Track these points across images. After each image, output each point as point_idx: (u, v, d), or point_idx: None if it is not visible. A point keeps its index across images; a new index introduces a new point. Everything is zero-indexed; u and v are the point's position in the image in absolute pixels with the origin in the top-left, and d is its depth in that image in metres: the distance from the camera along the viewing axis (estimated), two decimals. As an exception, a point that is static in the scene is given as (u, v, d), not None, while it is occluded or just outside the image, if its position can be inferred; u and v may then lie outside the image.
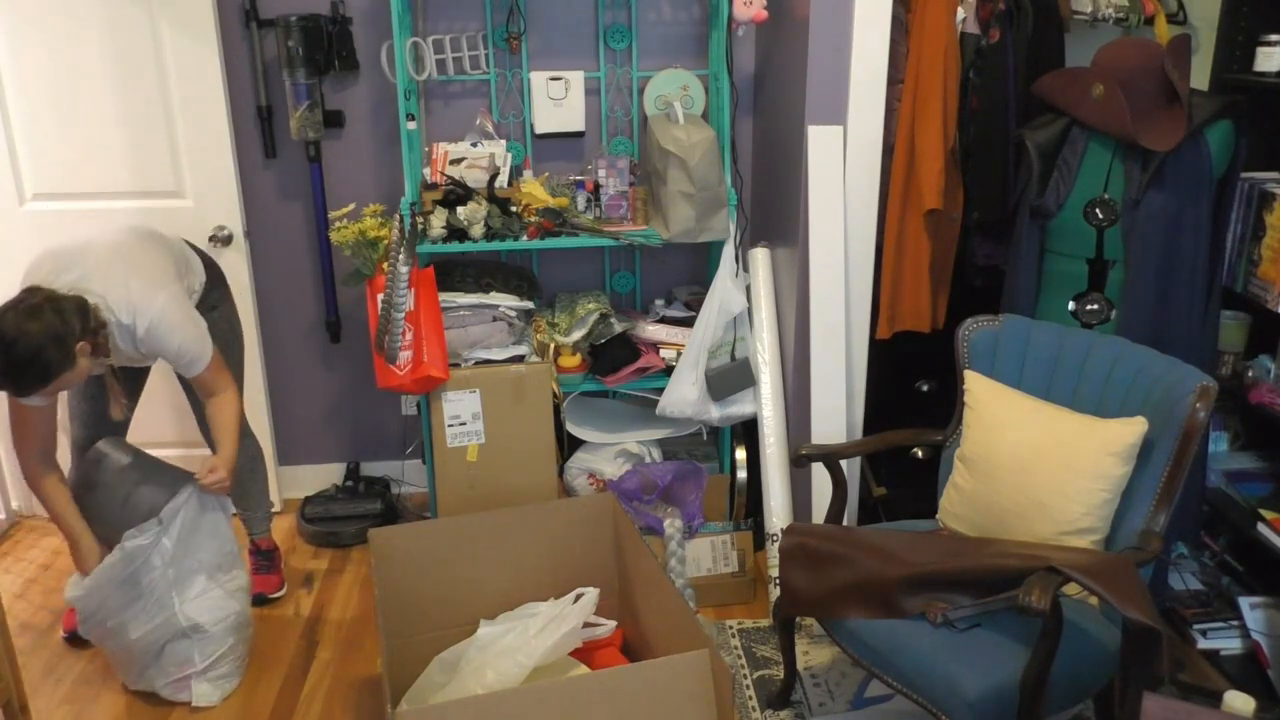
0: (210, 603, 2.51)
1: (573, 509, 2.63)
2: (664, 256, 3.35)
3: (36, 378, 2.18)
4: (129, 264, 2.37)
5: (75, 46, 2.96)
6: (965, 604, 2.02)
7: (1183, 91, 2.35)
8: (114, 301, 2.30)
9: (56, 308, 2.18)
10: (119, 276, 2.32)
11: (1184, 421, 2.02)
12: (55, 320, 2.16)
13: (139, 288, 2.33)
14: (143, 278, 2.36)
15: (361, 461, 3.54)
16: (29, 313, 2.15)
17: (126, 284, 2.32)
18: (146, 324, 2.32)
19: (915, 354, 2.97)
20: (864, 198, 2.73)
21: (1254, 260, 2.58)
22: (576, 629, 2.27)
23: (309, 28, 3.00)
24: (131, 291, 2.32)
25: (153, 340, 2.35)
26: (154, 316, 2.33)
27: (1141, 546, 2.01)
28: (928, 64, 2.67)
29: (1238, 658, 2.58)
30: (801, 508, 2.89)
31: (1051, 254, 2.59)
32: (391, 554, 2.46)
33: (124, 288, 2.32)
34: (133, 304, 2.31)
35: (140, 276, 2.36)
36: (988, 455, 2.23)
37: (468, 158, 2.98)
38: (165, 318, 2.34)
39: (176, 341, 2.37)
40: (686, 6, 3.18)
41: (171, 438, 3.32)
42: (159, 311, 2.33)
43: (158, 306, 2.33)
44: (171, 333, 2.35)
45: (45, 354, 2.15)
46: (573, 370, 3.08)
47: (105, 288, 2.29)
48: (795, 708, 2.49)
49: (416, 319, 2.84)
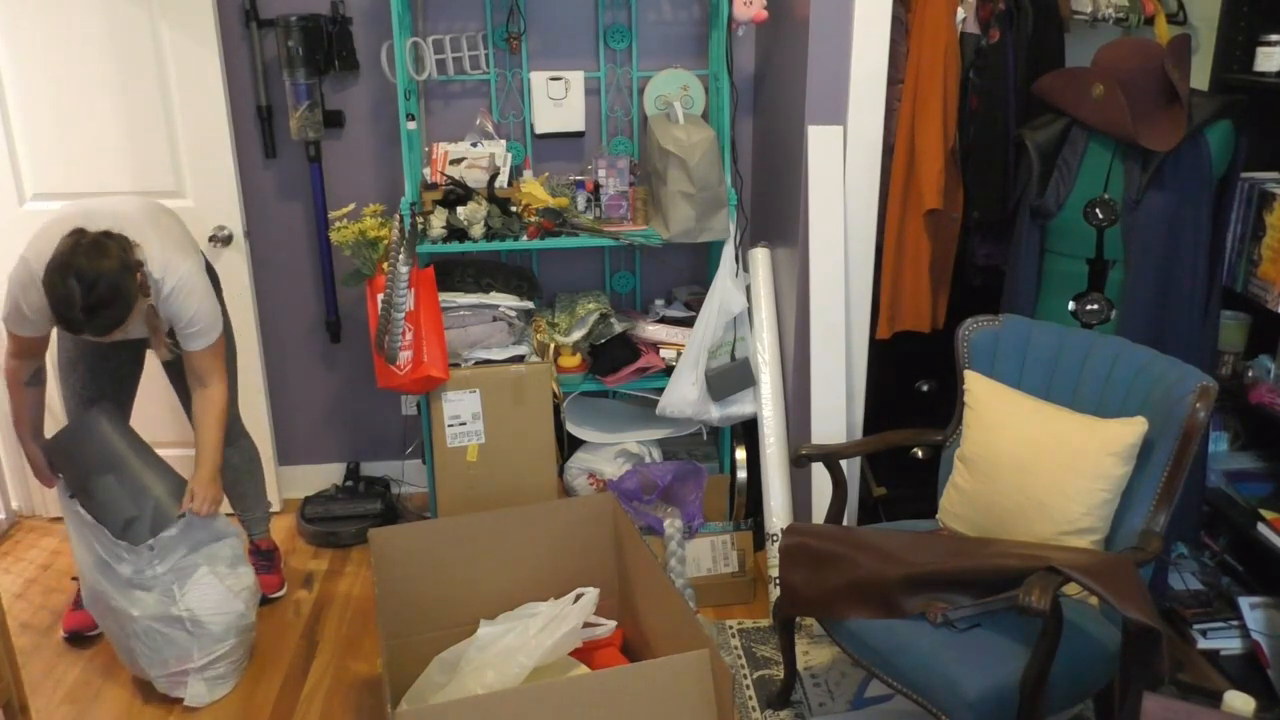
0: (212, 597, 2.51)
1: (573, 509, 2.63)
2: (664, 256, 3.35)
3: (121, 311, 2.19)
4: (158, 226, 2.42)
5: (75, 46, 2.96)
6: (965, 604, 2.02)
7: (1183, 91, 2.35)
8: (149, 253, 2.33)
9: (119, 242, 2.22)
10: (151, 234, 2.36)
11: (1184, 421, 2.02)
12: (121, 253, 2.20)
13: (170, 247, 2.39)
14: (172, 240, 2.42)
15: (361, 461, 3.54)
16: (96, 249, 2.16)
17: (161, 243, 2.37)
18: (174, 283, 2.36)
19: (915, 354, 2.97)
20: (864, 198, 2.73)
21: (1254, 260, 2.58)
22: (576, 629, 2.27)
23: (309, 28, 3.00)
24: (165, 249, 2.37)
25: (175, 301, 2.38)
26: (181, 277, 2.37)
27: (1141, 546, 2.01)
28: (928, 64, 2.67)
29: (1238, 658, 2.58)
30: (801, 508, 2.89)
31: (1051, 254, 2.59)
32: (391, 554, 2.46)
33: (158, 245, 2.36)
34: (165, 260, 2.36)
35: (170, 240, 2.41)
36: (988, 455, 2.23)
37: (468, 158, 2.98)
38: (190, 280, 2.39)
39: (195, 306, 2.41)
40: (686, 6, 3.18)
41: (172, 438, 3.32)
42: (185, 273, 2.38)
43: (185, 268, 2.39)
44: (192, 297, 2.40)
45: (125, 287, 2.18)
46: (573, 370, 3.08)
47: (139, 240, 2.31)
48: (795, 708, 2.49)
49: (416, 319, 2.84)
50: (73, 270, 2.13)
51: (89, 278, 2.13)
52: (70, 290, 2.13)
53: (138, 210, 2.43)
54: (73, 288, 2.12)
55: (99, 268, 2.14)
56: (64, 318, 2.18)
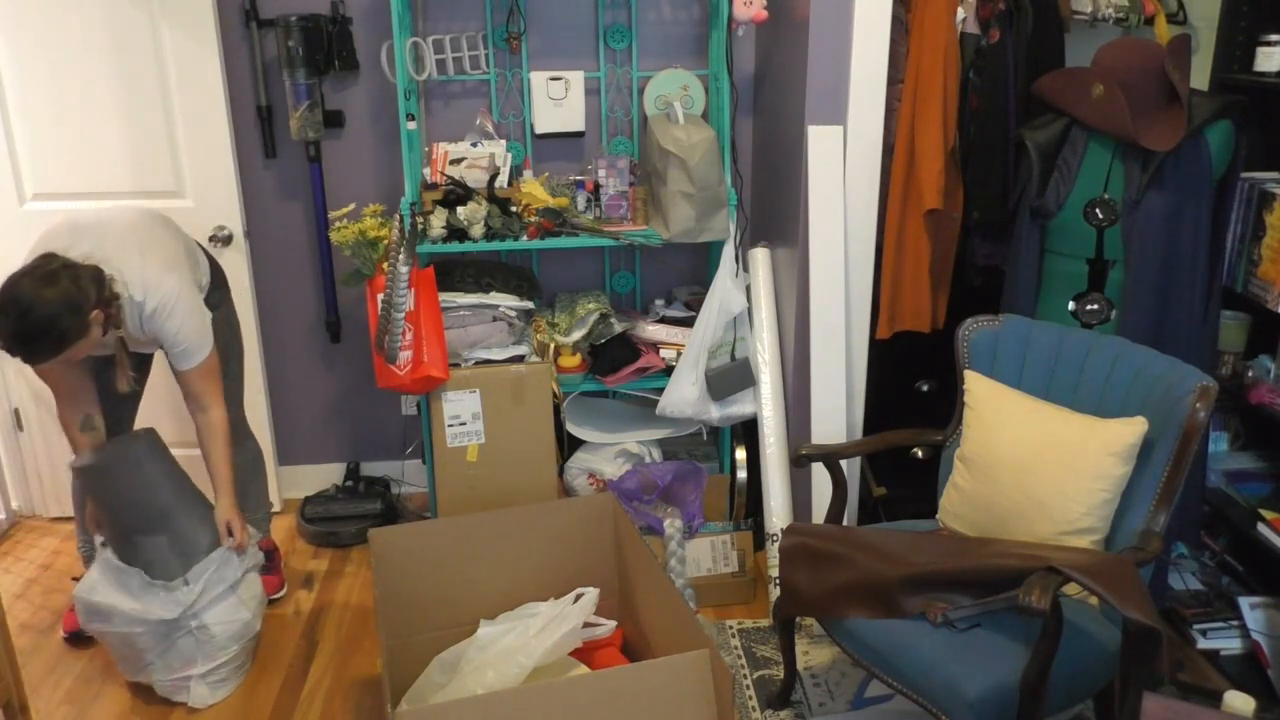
0: (222, 607, 2.51)
1: (573, 509, 2.63)
2: (664, 256, 3.35)
3: (51, 346, 2.15)
4: (144, 243, 2.37)
5: (75, 46, 2.96)
6: (965, 604, 2.02)
7: (1183, 91, 2.35)
8: (128, 276, 2.29)
9: (73, 275, 2.16)
10: (134, 253, 2.33)
11: (1184, 421, 2.02)
12: (71, 287, 2.14)
13: (153, 266, 2.34)
14: (157, 258, 2.36)
15: (361, 461, 3.54)
16: (45, 279, 2.13)
17: (142, 261, 2.33)
18: (155, 303, 2.33)
19: (915, 354, 2.97)
20: (864, 198, 2.73)
21: (1254, 260, 2.58)
22: (576, 629, 2.27)
23: (309, 28, 3.00)
24: (146, 269, 2.32)
25: (158, 320, 2.35)
26: (164, 296, 2.33)
27: (1141, 546, 2.01)
28: (928, 64, 2.67)
29: (1238, 658, 2.58)
30: (801, 508, 2.89)
31: (1051, 254, 2.59)
32: (391, 554, 2.46)
33: (139, 264, 2.32)
34: (146, 281, 2.31)
35: (155, 256, 2.36)
36: (988, 455, 2.23)
37: (468, 158, 2.98)
38: (174, 299, 2.35)
39: (177, 325, 2.37)
40: (686, 6, 3.18)
41: (171, 438, 3.31)
42: (169, 292, 2.34)
43: (168, 287, 2.34)
44: (175, 316, 2.36)
45: (60, 322, 2.12)
46: (573, 370, 3.08)
47: (121, 261, 2.29)
48: (795, 708, 2.49)
49: (416, 319, 2.84)
50: (12, 297, 2.10)
51: (24, 307, 2.09)
52: (5, 318, 2.10)
53: (127, 224, 2.39)
54: (8, 314, 2.09)
55: (38, 297, 2.10)
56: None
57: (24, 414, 3.31)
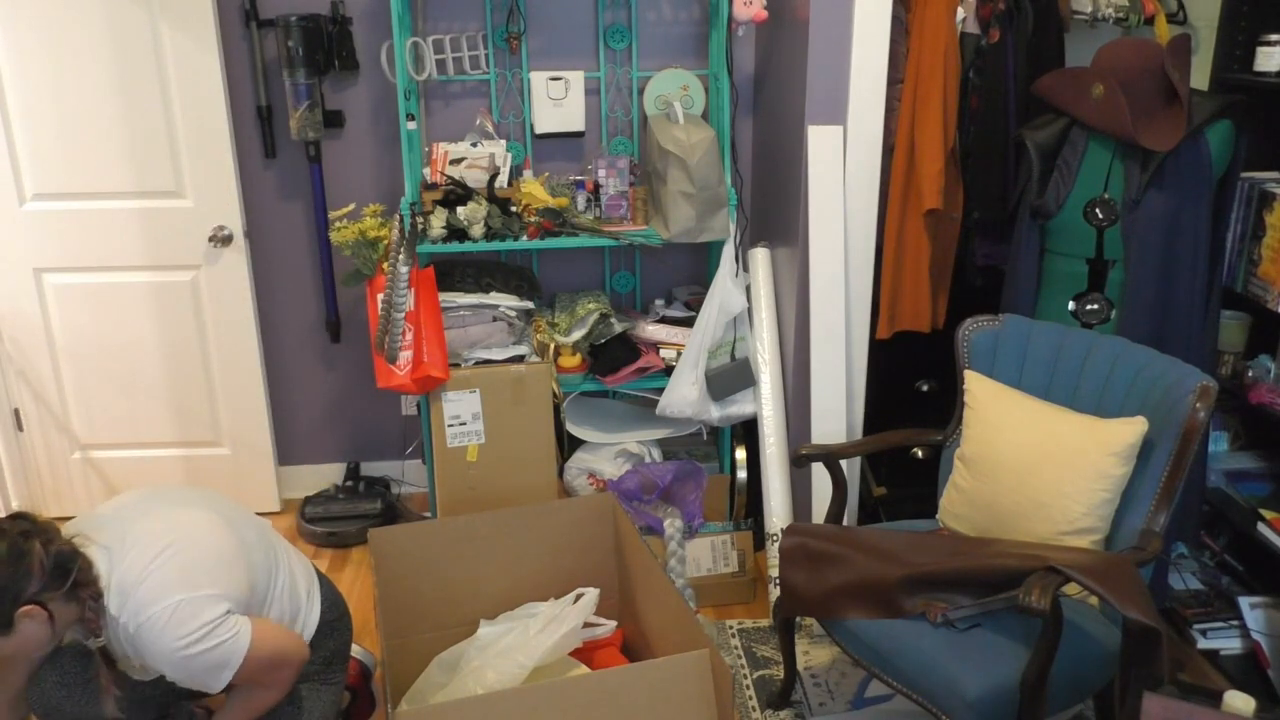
0: None
1: (573, 509, 2.63)
2: (664, 256, 3.35)
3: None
4: (176, 547, 1.83)
5: (75, 47, 2.96)
6: (965, 604, 2.02)
7: (1183, 91, 2.35)
8: (116, 581, 1.79)
9: (17, 551, 1.68)
10: (147, 557, 1.80)
11: (1184, 421, 2.02)
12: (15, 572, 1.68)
13: (157, 578, 1.79)
14: (176, 570, 1.80)
15: (361, 461, 3.54)
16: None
17: (145, 567, 1.79)
18: (136, 623, 1.78)
19: (915, 354, 2.97)
20: (864, 198, 2.73)
21: (1254, 260, 2.58)
22: (576, 629, 2.27)
23: (309, 28, 3.00)
24: (144, 578, 1.78)
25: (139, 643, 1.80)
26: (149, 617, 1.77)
27: (1141, 546, 2.01)
28: (928, 64, 2.67)
29: (1238, 658, 2.58)
30: (801, 508, 2.89)
31: (1051, 254, 2.59)
32: (391, 554, 2.46)
33: (139, 572, 1.79)
34: (125, 590, 1.78)
35: (174, 568, 1.80)
36: (988, 455, 2.23)
37: (468, 158, 2.98)
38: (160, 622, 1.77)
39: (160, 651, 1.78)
40: (686, 6, 3.18)
41: (172, 437, 3.32)
42: (157, 615, 1.77)
43: (160, 608, 1.77)
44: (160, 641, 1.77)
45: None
46: (573, 370, 3.08)
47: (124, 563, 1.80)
48: (795, 708, 2.49)
49: (416, 319, 2.84)
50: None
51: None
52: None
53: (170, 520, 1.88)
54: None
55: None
56: None
57: (24, 414, 3.31)
